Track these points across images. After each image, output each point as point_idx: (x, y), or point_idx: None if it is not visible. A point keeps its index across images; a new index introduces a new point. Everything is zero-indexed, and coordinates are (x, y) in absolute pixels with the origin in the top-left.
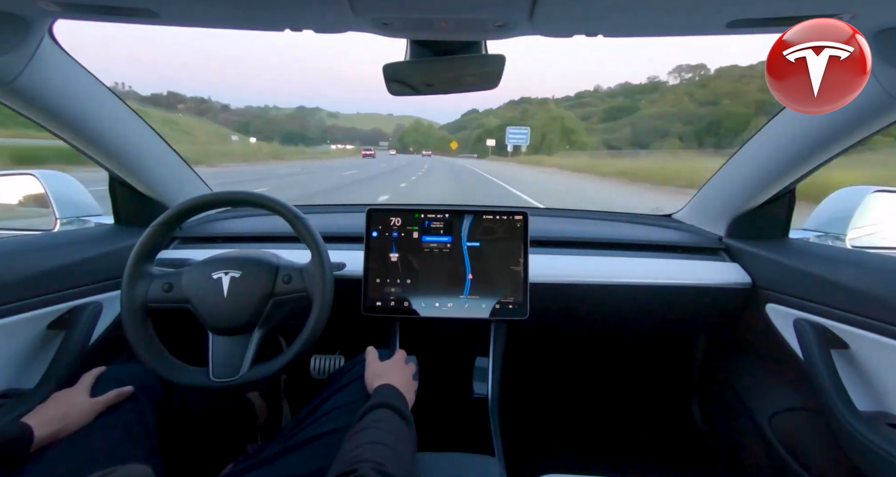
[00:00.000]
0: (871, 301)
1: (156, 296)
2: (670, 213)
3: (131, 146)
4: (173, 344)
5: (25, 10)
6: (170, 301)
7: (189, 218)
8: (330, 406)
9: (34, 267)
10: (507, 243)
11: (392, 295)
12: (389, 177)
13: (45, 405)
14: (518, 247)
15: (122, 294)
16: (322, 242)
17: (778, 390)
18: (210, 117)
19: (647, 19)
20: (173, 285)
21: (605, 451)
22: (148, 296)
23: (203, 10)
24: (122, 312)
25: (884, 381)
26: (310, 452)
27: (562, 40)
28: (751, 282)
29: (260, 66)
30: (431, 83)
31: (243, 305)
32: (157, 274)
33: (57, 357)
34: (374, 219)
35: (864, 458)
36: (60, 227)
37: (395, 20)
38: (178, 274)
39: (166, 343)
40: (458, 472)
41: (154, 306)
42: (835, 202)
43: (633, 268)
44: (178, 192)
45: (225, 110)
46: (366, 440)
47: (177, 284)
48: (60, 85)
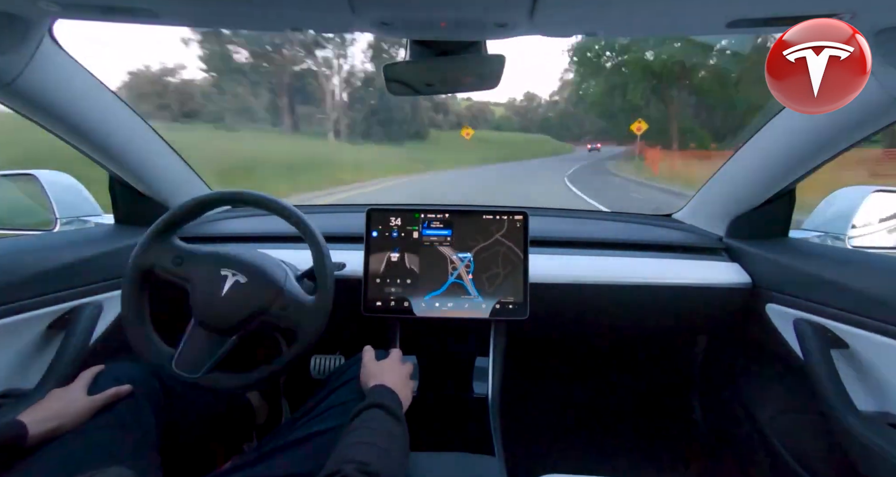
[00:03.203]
0: (871, 301)
1: (163, 264)
2: (670, 213)
3: (131, 146)
4: (159, 321)
5: (25, 10)
6: (173, 274)
7: (190, 219)
8: (326, 405)
9: (34, 267)
10: (507, 243)
11: (392, 295)
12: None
13: (42, 403)
14: (518, 247)
15: (133, 253)
16: (324, 242)
17: (778, 390)
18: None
19: (647, 19)
20: (183, 261)
21: (605, 451)
22: (157, 261)
23: (203, 11)
24: (127, 269)
25: (884, 381)
26: (304, 451)
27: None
28: (751, 282)
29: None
30: (431, 83)
31: (234, 311)
32: (175, 245)
33: (57, 357)
34: (374, 219)
35: (864, 458)
36: (60, 227)
37: (395, 20)
38: (192, 252)
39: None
40: (458, 472)
41: (158, 272)
42: (835, 202)
43: (633, 268)
44: (178, 192)
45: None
46: (353, 441)
47: (187, 261)
48: (60, 85)
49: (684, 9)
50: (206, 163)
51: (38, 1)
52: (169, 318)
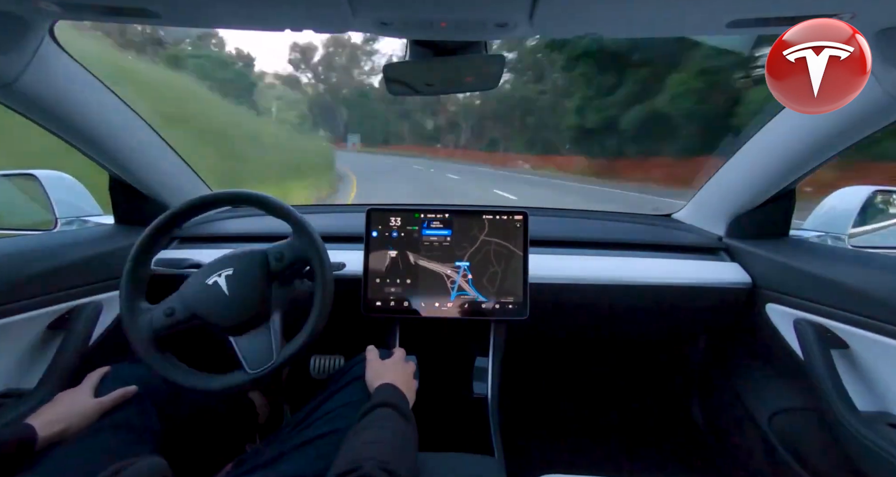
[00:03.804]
0: (871, 301)
1: (161, 324)
2: (670, 213)
3: (131, 146)
4: (201, 357)
5: (26, 10)
6: (177, 324)
7: (189, 219)
8: (330, 407)
9: (34, 267)
10: (507, 243)
11: (392, 295)
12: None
13: (49, 406)
14: (518, 247)
15: (127, 332)
16: (321, 241)
17: (778, 390)
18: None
19: (647, 19)
20: (175, 309)
21: (605, 451)
22: (154, 327)
23: (204, 11)
24: (135, 349)
25: (884, 381)
26: (310, 454)
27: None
28: (751, 282)
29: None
30: (431, 83)
31: (249, 297)
32: (152, 307)
33: (57, 357)
34: (373, 219)
35: (864, 458)
36: (60, 227)
37: (394, 20)
38: (174, 297)
39: (197, 358)
40: (458, 471)
41: (165, 334)
42: (835, 202)
43: (633, 268)
44: (178, 192)
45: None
46: (368, 439)
47: (177, 305)
48: (61, 85)
49: (684, 9)
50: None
51: (39, 1)
52: (208, 350)
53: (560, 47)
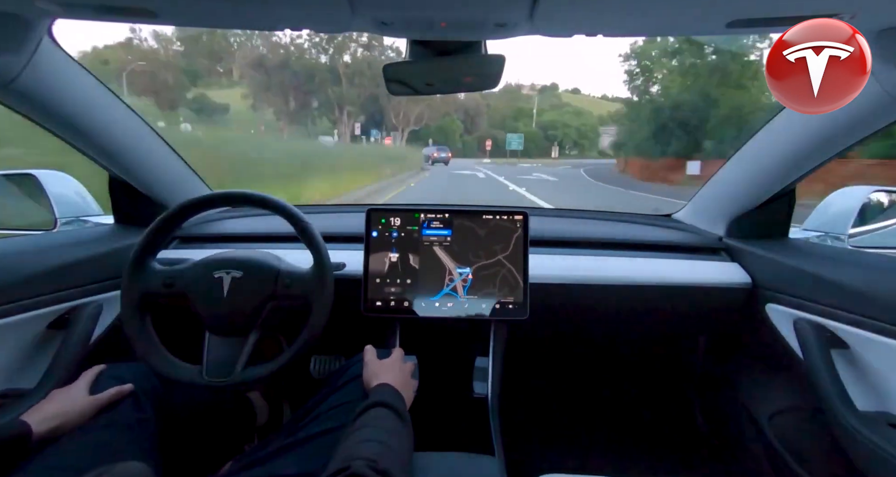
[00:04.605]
0: (871, 301)
1: (156, 290)
2: (670, 213)
3: (131, 146)
4: (170, 340)
5: (25, 10)
6: (169, 296)
7: (191, 216)
8: (327, 406)
9: (34, 267)
10: (507, 243)
11: (392, 295)
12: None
13: (44, 403)
14: (518, 247)
15: (122, 286)
16: (322, 242)
17: (778, 390)
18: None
19: (647, 19)
20: (175, 282)
21: (605, 451)
22: (148, 290)
23: (202, 10)
24: (121, 305)
25: (884, 381)
26: (306, 452)
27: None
28: (751, 282)
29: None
30: (431, 83)
31: (242, 306)
32: (158, 269)
33: (57, 357)
34: (374, 219)
35: (864, 458)
36: (60, 227)
37: (394, 20)
38: (179, 271)
39: (164, 339)
40: (458, 471)
41: (153, 301)
42: (835, 202)
43: (633, 268)
44: (177, 191)
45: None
46: (361, 438)
47: (178, 280)
48: (60, 85)
49: (684, 9)
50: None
51: (38, 1)
52: (181, 335)
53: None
